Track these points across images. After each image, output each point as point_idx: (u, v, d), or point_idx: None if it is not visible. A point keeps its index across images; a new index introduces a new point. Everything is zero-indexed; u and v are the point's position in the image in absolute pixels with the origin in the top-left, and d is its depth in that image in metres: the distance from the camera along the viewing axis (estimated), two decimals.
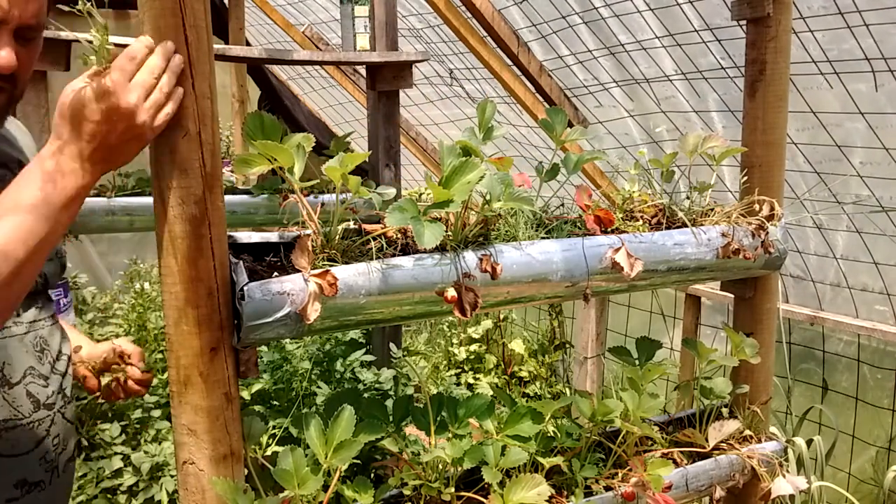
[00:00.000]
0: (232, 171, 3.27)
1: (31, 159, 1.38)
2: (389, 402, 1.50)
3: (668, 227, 1.65)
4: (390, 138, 2.90)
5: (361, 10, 2.81)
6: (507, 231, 1.44)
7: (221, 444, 1.19)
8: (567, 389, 4.27)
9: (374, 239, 1.31)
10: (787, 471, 1.76)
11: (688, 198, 1.78)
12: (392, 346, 3.00)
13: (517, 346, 4.24)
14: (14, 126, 1.52)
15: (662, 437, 1.74)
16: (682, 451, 1.70)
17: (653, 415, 1.63)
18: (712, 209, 1.77)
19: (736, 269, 1.73)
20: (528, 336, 4.53)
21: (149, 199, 2.55)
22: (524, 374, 4.24)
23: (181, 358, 1.16)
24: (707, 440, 1.73)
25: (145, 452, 2.62)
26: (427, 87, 4.47)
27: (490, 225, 1.43)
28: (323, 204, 2.67)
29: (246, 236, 1.34)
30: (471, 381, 4.09)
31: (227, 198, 2.60)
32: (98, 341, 3.17)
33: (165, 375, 2.98)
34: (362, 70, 4.39)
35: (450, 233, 1.36)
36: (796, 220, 2.90)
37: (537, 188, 1.61)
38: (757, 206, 1.77)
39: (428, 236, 1.23)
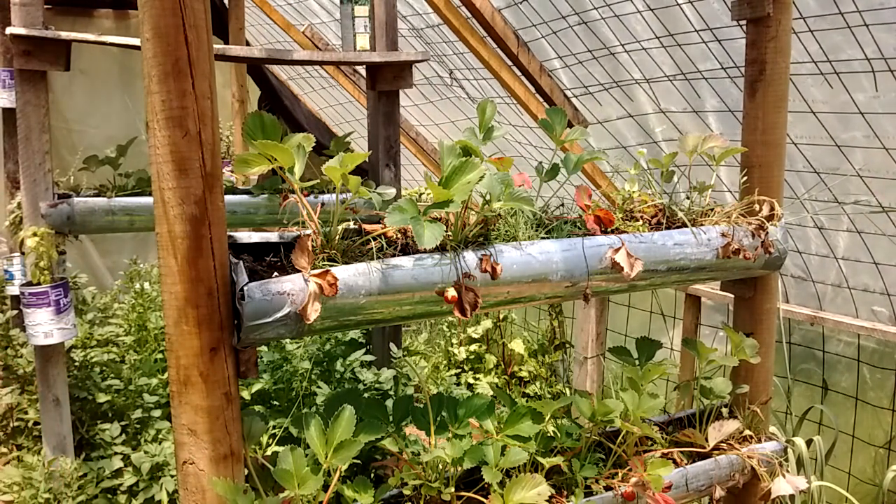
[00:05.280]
0: (232, 171, 3.27)
1: None
2: (389, 402, 1.50)
3: (668, 227, 1.65)
4: (390, 138, 2.90)
5: (361, 10, 2.81)
6: (507, 231, 1.44)
7: (221, 444, 1.19)
8: (567, 389, 4.27)
9: (374, 239, 1.32)
10: (787, 471, 1.76)
11: (688, 198, 1.78)
12: (392, 346, 3.00)
13: (517, 346, 4.23)
14: None
15: (662, 437, 1.74)
16: (682, 451, 1.70)
17: (653, 415, 1.63)
18: (712, 209, 1.77)
19: (736, 269, 1.73)
20: (528, 336, 4.53)
21: (149, 199, 2.56)
22: (524, 374, 4.24)
23: (181, 358, 1.16)
24: (707, 440, 1.73)
25: (145, 452, 2.62)
26: (427, 88, 4.47)
27: (490, 225, 1.43)
28: (323, 204, 2.68)
29: (246, 236, 1.34)
30: (471, 381, 4.09)
31: (227, 198, 2.62)
32: (98, 341, 3.17)
33: (165, 375, 2.98)
34: (362, 70, 4.39)
35: (450, 233, 1.36)
36: (797, 220, 2.90)
37: (537, 188, 1.61)
38: (757, 206, 1.77)
39: (428, 236, 1.23)
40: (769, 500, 1.73)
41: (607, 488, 1.54)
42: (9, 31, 2.30)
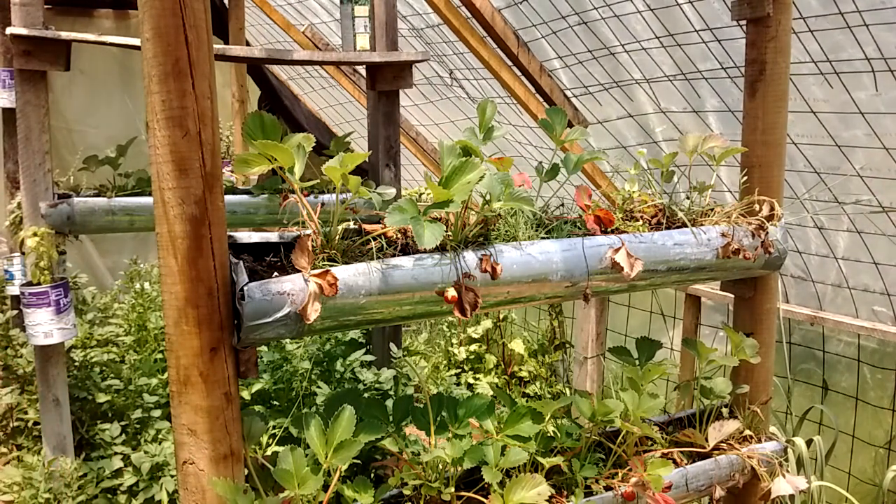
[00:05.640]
0: (232, 171, 3.27)
1: None
2: (389, 402, 1.50)
3: (668, 227, 1.65)
4: (390, 138, 2.90)
5: (361, 10, 2.81)
6: (507, 231, 1.44)
7: (221, 444, 1.19)
8: (567, 389, 4.27)
9: (374, 239, 1.32)
10: (787, 471, 1.76)
11: (688, 198, 1.78)
12: (392, 346, 3.00)
13: (517, 346, 4.23)
14: None
15: (662, 437, 1.74)
16: (682, 451, 1.70)
17: (653, 415, 1.63)
18: (712, 209, 1.77)
19: (736, 269, 1.73)
20: (528, 336, 4.53)
21: (149, 199, 2.56)
22: (524, 374, 4.24)
23: (181, 358, 1.16)
24: (707, 440, 1.73)
25: (145, 452, 2.62)
26: (427, 88, 4.47)
27: (490, 225, 1.43)
28: (323, 204, 2.68)
29: (246, 236, 1.34)
30: (471, 381, 4.09)
31: (227, 198, 2.62)
32: (98, 341, 3.17)
33: (165, 375, 2.98)
34: (362, 70, 4.39)
35: (450, 233, 1.36)
36: (797, 220, 2.90)
37: (537, 188, 1.61)
38: (757, 206, 1.77)
39: (428, 236, 1.23)
40: (769, 500, 1.73)
41: (607, 488, 1.54)
42: (9, 31, 2.30)
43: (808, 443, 2.73)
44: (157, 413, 2.81)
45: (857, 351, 3.03)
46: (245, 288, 1.15)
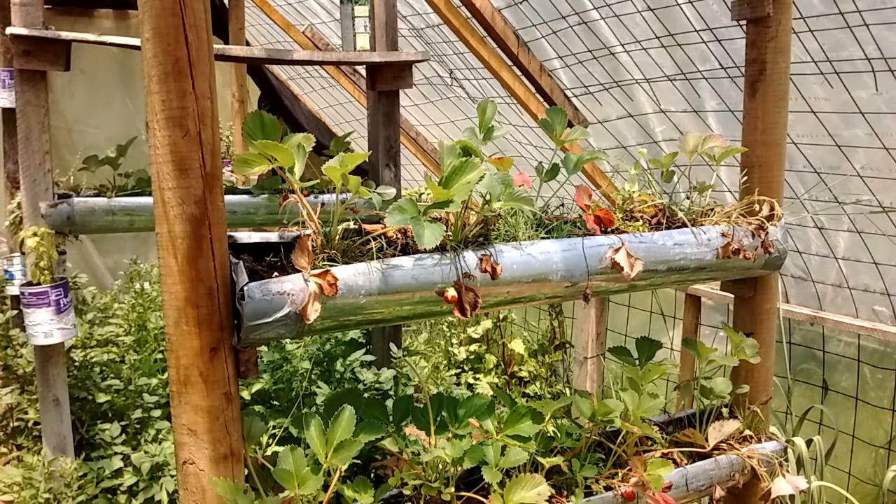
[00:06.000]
0: (232, 171, 3.27)
1: None
2: (389, 402, 1.50)
3: (668, 227, 1.65)
4: (390, 138, 2.91)
5: (361, 10, 2.81)
6: (507, 231, 1.44)
7: (221, 444, 1.19)
8: (567, 389, 4.27)
9: (374, 239, 1.32)
10: (787, 471, 1.76)
11: (688, 198, 1.78)
12: (392, 346, 3.00)
13: (517, 346, 4.23)
14: None
15: (662, 437, 1.74)
16: (682, 451, 1.70)
17: (653, 415, 1.63)
18: (712, 209, 1.77)
19: (736, 269, 1.73)
20: (528, 336, 4.53)
21: (149, 199, 2.56)
22: (524, 374, 4.24)
23: (181, 358, 1.16)
24: (707, 440, 1.73)
25: (145, 452, 2.62)
26: (427, 88, 4.47)
27: (490, 225, 1.43)
28: (323, 204, 2.68)
29: (246, 236, 1.34)
30: (471, 381, 4.09)
31: (227, 198, 2.62)
32: (98, 341, 3.17)
33: (165, 375, 2.98)
34: (362, 70, 4.39)
35: (450, 233, 1.36)
36: (797, 220, 2.90)
37: (537, 188, 1.61)
38: (757, 206, 1.77)
39: (428, 236, 1.23)
40: (769, 500, 1.73)
41: (607, 488, 1.54)
42: (9, 31, 2.30)
43: (808, 443, 2.73)
44: (157, 413, 2.81)
45: (857, 351, 3.03)
46: (245, 288, 1.15)
